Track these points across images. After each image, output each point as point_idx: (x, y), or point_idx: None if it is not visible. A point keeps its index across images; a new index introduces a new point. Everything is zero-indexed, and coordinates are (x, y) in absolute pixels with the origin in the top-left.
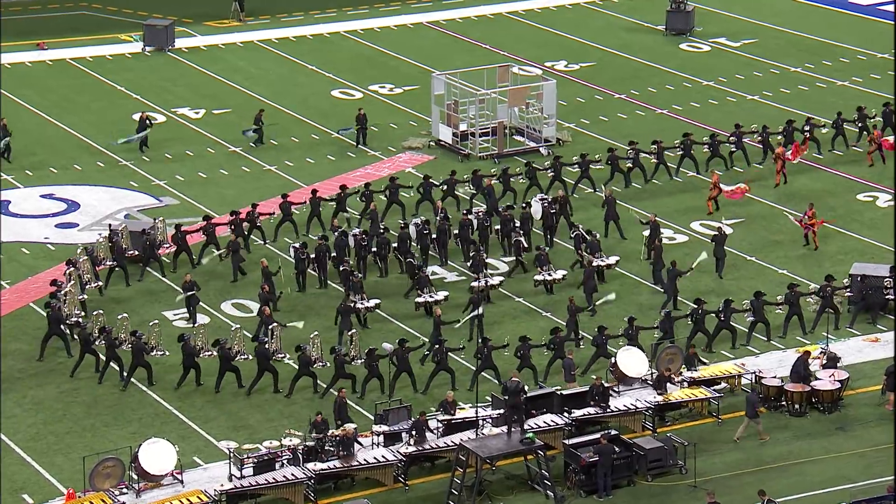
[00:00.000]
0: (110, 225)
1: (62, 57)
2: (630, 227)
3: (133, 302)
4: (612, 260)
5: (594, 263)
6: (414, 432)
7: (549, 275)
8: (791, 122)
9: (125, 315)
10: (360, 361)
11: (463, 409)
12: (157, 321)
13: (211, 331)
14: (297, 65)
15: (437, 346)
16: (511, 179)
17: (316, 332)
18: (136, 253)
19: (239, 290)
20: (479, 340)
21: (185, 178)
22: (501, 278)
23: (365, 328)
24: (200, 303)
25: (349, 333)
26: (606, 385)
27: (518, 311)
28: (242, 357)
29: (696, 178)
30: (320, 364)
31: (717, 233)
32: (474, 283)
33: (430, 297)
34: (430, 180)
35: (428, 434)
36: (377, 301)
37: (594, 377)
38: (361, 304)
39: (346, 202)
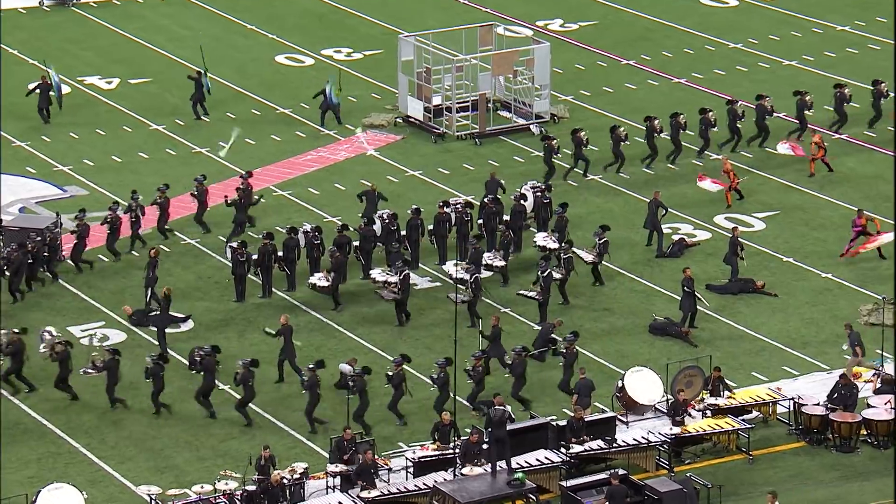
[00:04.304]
0: (0, 220)
1: None
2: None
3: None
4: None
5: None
6: (360, 476)
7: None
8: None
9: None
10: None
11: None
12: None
13: (128, 349)
14: (233, 24)
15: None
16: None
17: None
18: None
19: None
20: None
21: (95, 162)
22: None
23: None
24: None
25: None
26: (618, 415)
27: (504, 321)
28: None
29: (719, 162)
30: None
31: (732, 235)
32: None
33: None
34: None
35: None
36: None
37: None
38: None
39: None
